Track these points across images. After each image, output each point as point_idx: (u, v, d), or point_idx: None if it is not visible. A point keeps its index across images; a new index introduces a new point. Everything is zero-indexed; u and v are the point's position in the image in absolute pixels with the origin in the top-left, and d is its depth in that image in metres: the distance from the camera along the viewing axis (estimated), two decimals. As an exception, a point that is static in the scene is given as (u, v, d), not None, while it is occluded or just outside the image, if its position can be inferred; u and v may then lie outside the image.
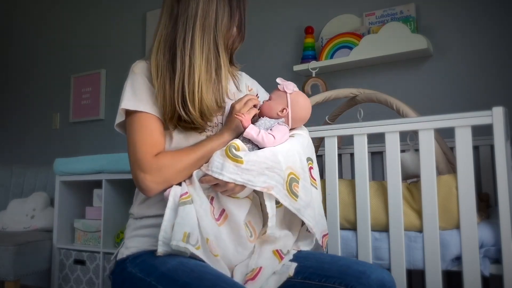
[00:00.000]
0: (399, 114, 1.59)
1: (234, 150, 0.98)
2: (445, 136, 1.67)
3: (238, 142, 1.01)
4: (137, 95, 1.05)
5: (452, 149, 1.64)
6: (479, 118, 1.31)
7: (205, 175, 1.00)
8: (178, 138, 1.07)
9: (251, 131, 1.03)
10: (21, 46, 3.66)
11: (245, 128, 1.04)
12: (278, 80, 1.15)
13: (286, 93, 1.13)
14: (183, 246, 0.92)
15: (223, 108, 1.11)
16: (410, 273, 1.84)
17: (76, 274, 2.29)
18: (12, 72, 3.68)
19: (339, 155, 2.10)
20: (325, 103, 1.87)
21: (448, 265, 1.35)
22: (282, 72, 2.38)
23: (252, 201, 1.05)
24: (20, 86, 3.61)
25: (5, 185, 2.87)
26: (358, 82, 2.17)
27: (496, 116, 1.28)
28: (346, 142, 2.10)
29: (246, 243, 1.03)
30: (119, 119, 1.09)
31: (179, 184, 1.03)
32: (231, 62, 1.22)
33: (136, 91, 1.06)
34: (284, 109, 1.12)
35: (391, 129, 1.43)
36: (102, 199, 2.26)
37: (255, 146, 1.04)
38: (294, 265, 1.05)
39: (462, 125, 1.32)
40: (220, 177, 0.96)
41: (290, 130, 1.14)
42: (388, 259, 1.42)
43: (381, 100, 1.66)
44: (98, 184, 2.35)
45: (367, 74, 2.18)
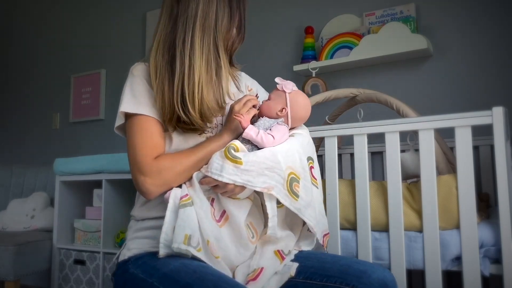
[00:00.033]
0: (399, 114, 1.59)
1: (233, 151, 0.98)
2: (445, 136, 1.67)
3: (237, 143, 1.01)
4: (136, 98, 1.05)
5: (452, 149, 1.64)
6: (479, 118, 1.31)
7: (204, 177, 1.00)
8: (178, 140, 1.07)
9: (250, 132, 1.03)
10: (21, 46, 3.66)
11: (244, 128, 1.03)
12: (277, 79, 1.14)
13: (285, 92, 1.12)
14: (185, 248, 0.92)
15: (224, 108, 1.11)
16: (410, 273, 1.84)
17: (76, 274, 2.29)
18: (12, 72, 3.68)
19: (339, 155, 2.10)
20: (325, 103, 1.87)
21: (448, 265, 1.35)
22: (282, 72, 2.38)
23: (253, 202, 1.05)
24: (20, 86, 3.61)
25: (5, 185, 2.87)
26: (358, 82, 2.17)
27: (496, 116, 1.28)
28: (346, 142, 2.10)
29: (248, 244, 1.02)
30: (119, 122, 1.09)
31: (179, 186, 1.03)
32: (231, 63, 1.22)
33: (135, 94, 1.06)
34: (283, 108, 1.11)
35: (391, 129, 1.43)
36: (102, 199, 2.25)
37: (255, 146, 1.04)
38: (296, 265, 1.04)
39: (462, 125, 1.32)
40: (219, 178, 0.96)
41: (290, 130, 1.13)
42: (388, 259, 1.42)
43: (381, 100, 1.66)
44: (98, 184, 2.35)
45: (367, 74, 2.18)
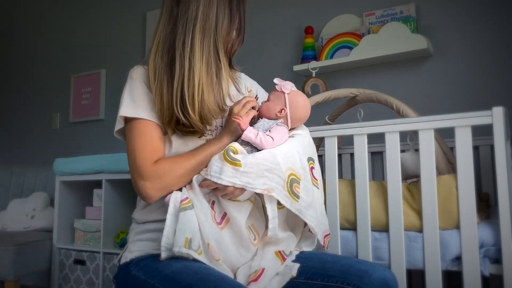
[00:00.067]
0: (399, 114, 1.59)
1: (232, 154, 0.97)
2: (445, 136, 1.66)
3: (236, 145, 1.01)
4: (135, 102, 1.05)
5: (452, 149, 1.64)
6: (479, 118, 1.31)
7: (204, 180, 1.00)
8: (177, 144, 1.07)
9: (249, 134, 1.02)
10: (21, 46, 3.66)
11: (243, 130, 1.03)
12: (276, 80, 1.13)
13: (284, 93, 1.11)
14: (185, 252, 0.92)
15: (225, 110, 1.10)
16: (410, 273, 1.84)
17: (76, 274, 2.29)
18: (12, 72, 3.68)
19: (339, 155, 2.10)
20: (325, 103, 1.87)
21: (448, 265, 1.35)
22: (282, 72, 2.38)
23: (254, 204, 1.05)
24: (20, 86, 3.61)
25: (5, 185, 2.87)
26: (358, 82, 2.17)
27: (496, 116, 1.28)
28: (346, 142, 2.10)
29: (249, 246, 1.02)
30: (119, 126, 1.08)
31: (180, 189, 1.03)
32: (230, 65, 1.21)
33: (134, 98, 1.05)
34: (282, 109, 1.11)
35: (391, 129, 1.43)
36: (102, 199, 2.25)
37: (254, 148, 1.03)
38: (297, 265, 1.04)
39: (462, 125, 1.32)
40: (219, 181, 0.96)
41: (290, 130, 1.13)
42: (388, 259, 1.42)
43: (381, 100, 1.66)
44: (98, 184, 2.35)
45: (367, 74, 2.18)
